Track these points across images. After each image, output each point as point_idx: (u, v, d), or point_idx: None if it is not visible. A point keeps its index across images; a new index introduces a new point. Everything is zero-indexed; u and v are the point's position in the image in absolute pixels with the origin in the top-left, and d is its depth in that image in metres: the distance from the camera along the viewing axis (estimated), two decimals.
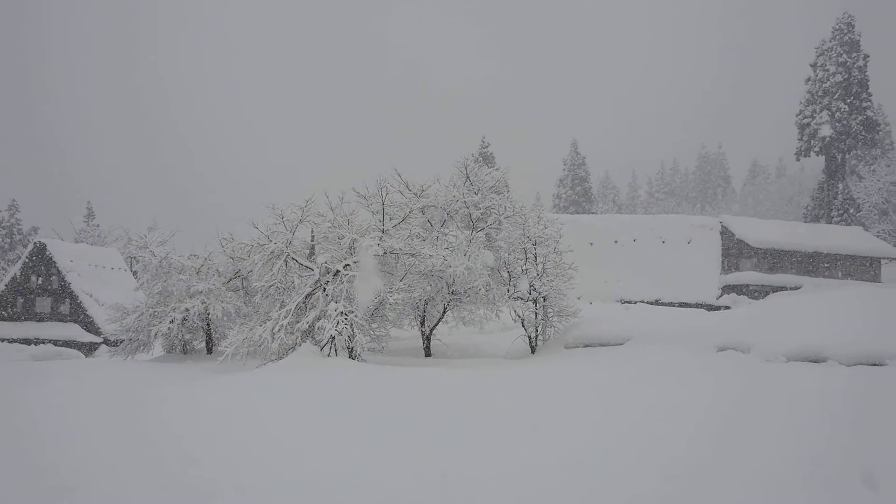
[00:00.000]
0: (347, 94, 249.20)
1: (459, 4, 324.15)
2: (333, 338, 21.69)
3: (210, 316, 26.68)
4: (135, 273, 57.95)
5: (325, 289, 23.02)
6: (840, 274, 58.63)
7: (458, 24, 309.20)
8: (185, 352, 28.45)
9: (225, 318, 26.74)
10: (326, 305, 22.50)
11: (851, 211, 74.74)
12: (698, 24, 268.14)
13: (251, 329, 22.58)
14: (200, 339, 28.97)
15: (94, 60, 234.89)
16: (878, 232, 74.14)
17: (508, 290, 27.81)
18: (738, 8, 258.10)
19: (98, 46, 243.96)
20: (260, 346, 22.31)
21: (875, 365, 18.77)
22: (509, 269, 28.20)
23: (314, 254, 24.34)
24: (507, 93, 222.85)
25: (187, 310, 26.20)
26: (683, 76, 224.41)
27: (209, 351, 28.22)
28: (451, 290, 26.64)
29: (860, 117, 76.25)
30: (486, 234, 28.01)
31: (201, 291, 26.34)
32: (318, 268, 23.20)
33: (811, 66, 79.46)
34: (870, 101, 77.61)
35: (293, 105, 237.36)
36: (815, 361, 19.83)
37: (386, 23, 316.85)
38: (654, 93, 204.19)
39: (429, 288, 26.34)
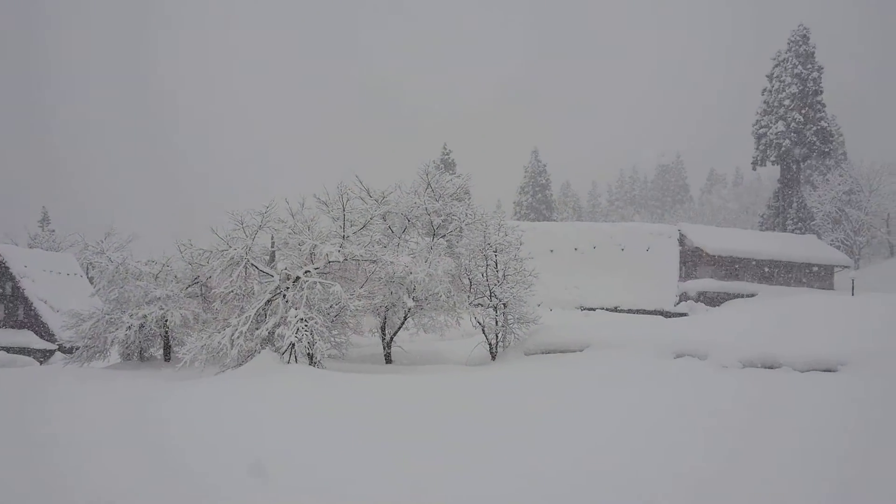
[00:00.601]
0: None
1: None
2: (293, 344, 21.56)
3: (168, 322, 26.42)
4: (91, 279, 57.22)
5: (284, 295, 22.89)
6: (794, 281, 59.44)
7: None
8: (142, 359, 28.12)
9: (183, 325, 26.49)
10: (286, 312, 22.38)
11: (806, 220, 75.83)
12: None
13: (210, 336, 22.39)
14: (158, 346, 28.65)
15: (58, 67, 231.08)
16: (831, 241, 75.23)
17: (469, 297, 27.84)
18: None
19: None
20: (219, 352, 22.13)
21: (827, 371, 19.10)
22: (470, 276, 28.24)
23: (274, 260, 24.22)
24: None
25: (145, 316, 25.92)
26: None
27: (167, 358, 27.92)
28: (411, 297, 26.61)
29: (814, 128, 77.44)
30: (448, 241, 28.05)
31: (159, 298, 26.08)
32: (278, 274, 23.07)
33: (767, 77, 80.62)
34: (824, 111, 78.85)
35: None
36: (770, 368, 20.14)
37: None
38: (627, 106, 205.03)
39: (389, 294, 26.28)
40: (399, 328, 27.82)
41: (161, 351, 28.60)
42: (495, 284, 27.96)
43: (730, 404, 14.54)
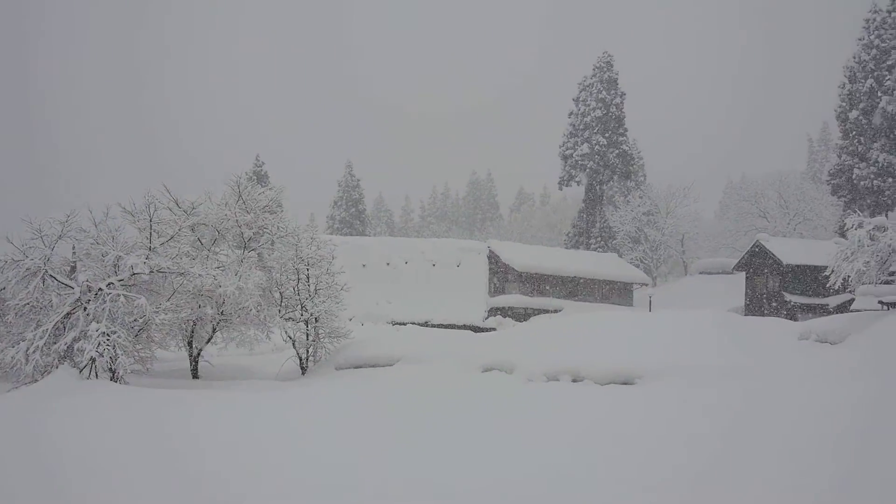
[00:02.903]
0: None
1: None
2: (94, 359, 20.73)
3: None
4: None
5: (86, 308, 21.94)
6: (597, 297, 62.25)
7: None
8: None
9: None
10: (87, 325, 21.47)
11: (608, 238, 79.62)
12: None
13: (2, 350, 21.24)
14: None
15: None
16: (631, 259, 79.41)
17: (280, 311, 27.63)
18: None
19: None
20: (12, 368, 20.98)
21: (625, 383, 20.19)
22: (281, 290, 28.04)
23: (76, 271, 23.15)
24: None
25: None
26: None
27: None
28: (220, 311, 26.13)
29: (617, 151, 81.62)
30: (259, 254, 27.73)
31: None
32: (78, 286, 22.09)
33: (574, 100, 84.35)
34: (625, 135, 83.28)
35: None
36: (574, 381, 21.07)
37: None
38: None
39: (198, 308, 25.71)
40: (207, 342, 27.23)
41: None
42: (307, 298, 27.91)
43: (533, 414, 15.14)
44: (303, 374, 27.64)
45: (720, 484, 10.42)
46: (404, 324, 48.18)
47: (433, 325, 49.84)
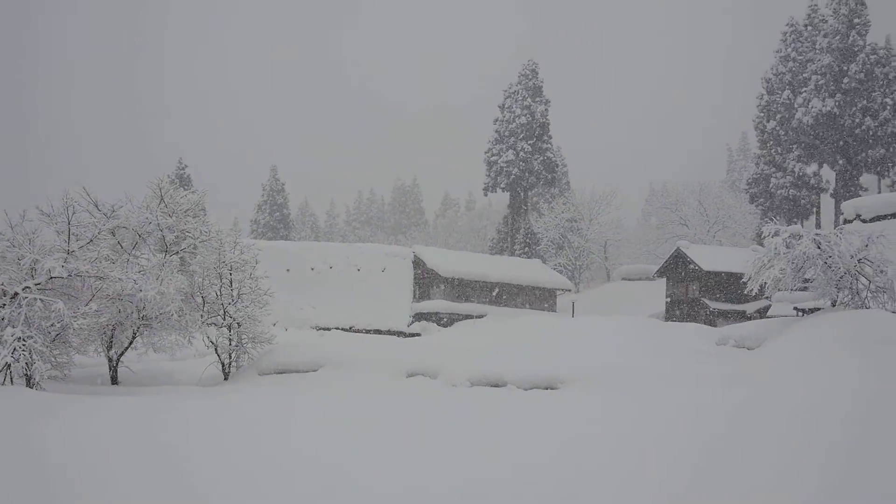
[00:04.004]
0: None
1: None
2: (9, 365, 20.26)
3: None
4: None
5: (0, 313, 21.41)
6: (521, 303, 62.89)
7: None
8: None
9: None
10: (2, 330, 20.96)
11: (532, 244, 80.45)
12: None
13: None
14: None
15: None
16: (555, 265, 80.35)
17: (202, 316, 27.34)
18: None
19: None
20: None
21: (548, 388, 20.53)
22: (204, 295, 27.75)
23: None
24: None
25: None
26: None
27: None
28: (141, 315, 25.72)
29: (541, 158, 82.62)
30: (181, 258, 27.38)
31: None
32: None
33: (499, 107, 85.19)
34: (550, 143, 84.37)
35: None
36: (496, 386, 21.34)
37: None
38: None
39: (117, 312, 25.27)
40: (127, 347, 26.76)
41: None
42: (229, 303, 27.69)
43: (455, 420, 15.27)
44: (225, 379, 27.41)
45: (633, 484, 10.72)
46: (329, 329, 48.04)
47: (358, 331, 49.75)
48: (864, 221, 32.70)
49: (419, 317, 56.97)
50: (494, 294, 61.82)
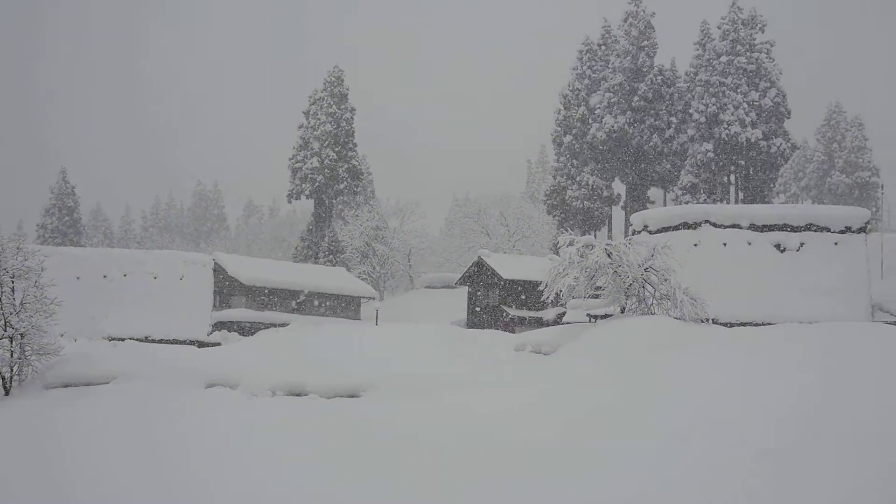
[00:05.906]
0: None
1: None
2: None
3: None
4: None
5: None
6: (325, 311, 62.50)
7: None
8: None
9: None
10: None
11: (337, 252, 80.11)
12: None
13: None
14: None
15: None
16: (359, 273, 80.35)
17: None
18: None
19: None
20: None
21: (351, 396, 20.55)
22: None
23: None
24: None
25: None
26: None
27: None
28: None
29: (346, 165, 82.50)
30: None
31: None
32: None
33: (304, 113, 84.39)
34: (355, 150, 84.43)
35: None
36: (298, 395, 21.12)
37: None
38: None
39: None
40: None
41: None
42: (11, 313, 26.04)
43: (251, 432, 14.94)
44: (6, 394, 25.71)
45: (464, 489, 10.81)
46: (123, 339, 46.00)
47: (154, 341, 47.89)
48: (650, 233, 34.48)
49: (220, 325, 55.59)
50: (298, 302, 61.21)
